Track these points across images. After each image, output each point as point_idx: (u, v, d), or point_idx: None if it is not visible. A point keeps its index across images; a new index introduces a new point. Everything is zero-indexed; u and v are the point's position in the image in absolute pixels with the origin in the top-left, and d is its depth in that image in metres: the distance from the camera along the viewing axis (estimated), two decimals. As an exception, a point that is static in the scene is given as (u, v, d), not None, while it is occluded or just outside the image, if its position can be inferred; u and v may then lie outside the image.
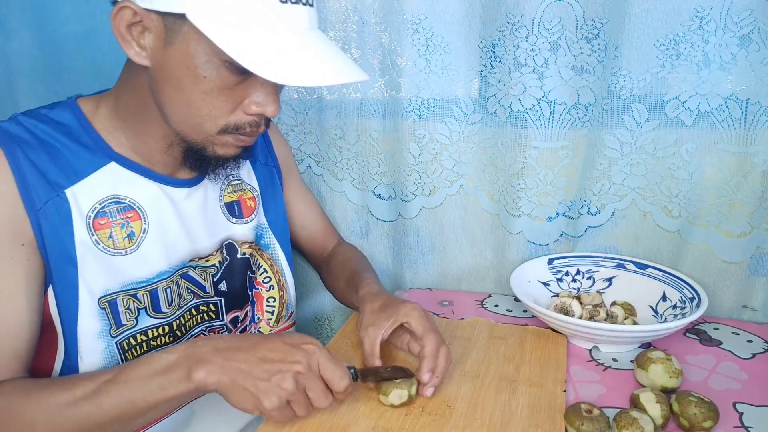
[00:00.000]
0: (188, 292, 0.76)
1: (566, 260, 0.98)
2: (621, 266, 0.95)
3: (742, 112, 0.83)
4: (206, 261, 0.77)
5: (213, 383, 0.58)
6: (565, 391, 0.72)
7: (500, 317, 0.94)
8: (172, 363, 0.59)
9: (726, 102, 0.84)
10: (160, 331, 0.72)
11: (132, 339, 0.70)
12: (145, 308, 0.70)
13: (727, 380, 0.75)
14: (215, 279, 0.78)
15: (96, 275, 0.66)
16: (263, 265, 0.85)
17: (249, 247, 0.83)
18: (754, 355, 0.81)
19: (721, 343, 0.84)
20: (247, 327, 0.84)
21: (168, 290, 0.72)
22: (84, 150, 0.67)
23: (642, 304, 0.89)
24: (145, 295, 0.70)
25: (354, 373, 0.66)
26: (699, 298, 0.82)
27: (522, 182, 0.95)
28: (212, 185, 0.79)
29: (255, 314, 0.85)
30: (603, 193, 0.95)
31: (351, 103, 1.01)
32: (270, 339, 0.62)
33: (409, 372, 0.71)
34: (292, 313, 0.90)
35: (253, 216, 0.83)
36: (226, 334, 0.63)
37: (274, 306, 0.85)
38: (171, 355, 0.60)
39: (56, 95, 0.72)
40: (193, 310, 0.77)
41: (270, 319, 0.86)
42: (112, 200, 0.68)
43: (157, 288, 0.71)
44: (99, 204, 0.67)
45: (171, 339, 0.74)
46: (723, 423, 0.66)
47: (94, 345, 0.67)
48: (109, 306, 0.68)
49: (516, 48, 0.88)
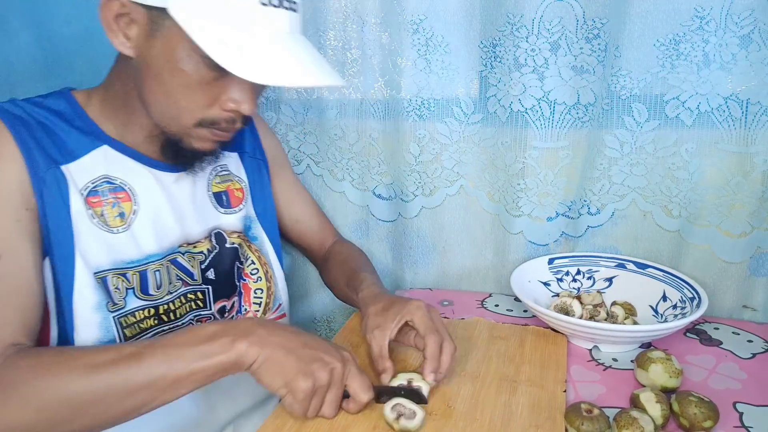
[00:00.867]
0: (177, 279, 0.76)
1: (566, 260, 0.98)
2: (621, 266, 0.95)
3: (743, 112, 0.83)
4: (195, 247, 0.78)
5: (253, 355, 0.60)
6: (566, 391, 0.72)
7: (500, 317, 0.94)
8: (217, 331, 0.61)
9: (726, 102, 0.84)
10: (146, 314, 0.73)
11: (127, 318, 0.71)
12: (133, 289, 0.71)
13: (727, 380, 0.75)
14: (203, 266, 0.79)
15: (91, 248, 0.68)
16: (251, 257, 0.86)
17: (238, 237, 0.84)
18: (754, 355, 0.81)
19: (722, 343, 0.84)
20: (234, 317, 0.85)
21: (157, 273, 0.73)
22: (78, 133, 0.69)
23: (642, 304, 0.89)
24: (135, 276, 0.71)
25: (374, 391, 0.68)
26: (699, 298, 0.82)
27: (522, 182, 0.95)
28: (200, 173, 0.80)
29: (242, 305, 0.85)
30: (603, 193, 0.95)
31: (351, 103, 1.01)
32: (311, 334, 0.66)
33: (423, 398, 0.69)
34: (281, 305, 0.90)
35: (241, 206, 0.85)
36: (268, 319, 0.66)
37: (261, 297, 0.86)
38: (214, 326, 0.62)
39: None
40: (183, 298, 0.77)
41: (257, 311, 0.86)
42: (104, 180, 0.70)
43: (147, 270, 0.72)
44: (92, 183, 0.69)
45: (156, 322, 0.74)
46: (723, 423, 0.66)
47: (90, 317, 0.67)
48: (102, 282, 0.69)
49: (516, 48, 0.88)
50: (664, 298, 0.88)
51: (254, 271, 0.86)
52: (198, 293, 0.79)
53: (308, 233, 1.00)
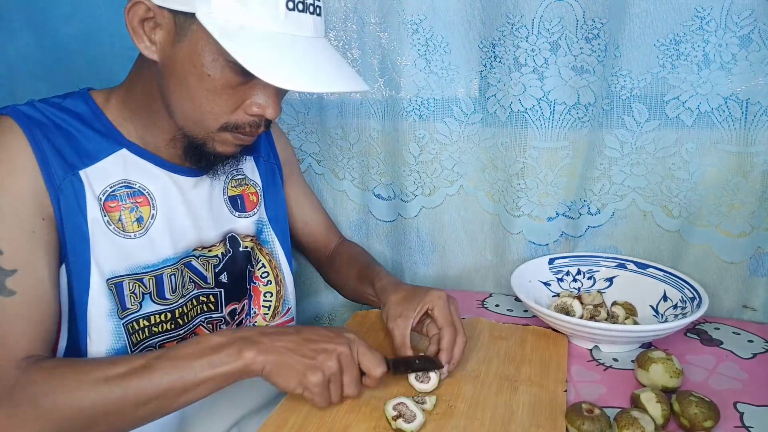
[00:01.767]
0: (190, 282, 0.77)
1: (567, 260, 0.98)
2: (621, 266, 0.95)
3: (743, 112, 0.83)
4: (209, 251, 0.79)
5: (261, 362, 0.61)
6: (566, 391, 0.72)
7: (501, 317, 0.94)
8: (224, 342, 0.62)
9: (726, 102, 0.84)
10: (162, 318, 0.73)
11: (135, 323, 0.71)
12: (150, 293, 0.72)
13: (728, 380, 0.75)
14: (216, 270, 0.80)
15: (106, 255, 0.68)
16: (262, 260, 0.86)
17: (251, 241, 0.84)
18: (755, 355, 0.81)
19: (722, 343, 0.84)
20: (244, 320, 0.85)
21: (173, 277, 0.74)
22: (97, 135, 0.69)
23: (643, 304, 0.89)
24: (151, 281, 0.72)
25: (388, 364, 0.69)
26: (699, 298, 0.82)
27: (522, 182, 0.95)
28: (216, 177, 0.80)
29: (251, 308, 0.86)
30: (603, 193, 0.95)
31: (351, 103, 1.01)
32: (313, 326, 0.68)
33: (438, 362, 0.73)
34: (290, 309, 0.90)
35: (255, 210, 0.85)
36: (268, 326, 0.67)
37: (271, 301, 0.86)
38: (220, 337, 0.63)
39: (56, 95, 0.73)
40: (194, 300, 0.78)
41: (266, 314, 0.87)
42: (123, 184, 0.70)
43: (163, 274, 0.73)
44: (110, 187, 0.69)
45: (172, 326, 0.75)
46: (723, 423, 0.66)
47: (104, 324, 0.68)
48: (116, 288, 0.69)
49: (516, 48, 0.88)
50: (665, 298, 0.88)
51: (265, 275, 0.86)
52: (210, 296, 0.80)
53: (315, 235, 1.00)
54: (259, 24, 0.60)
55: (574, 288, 0.96)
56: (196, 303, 0.78)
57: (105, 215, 0.68)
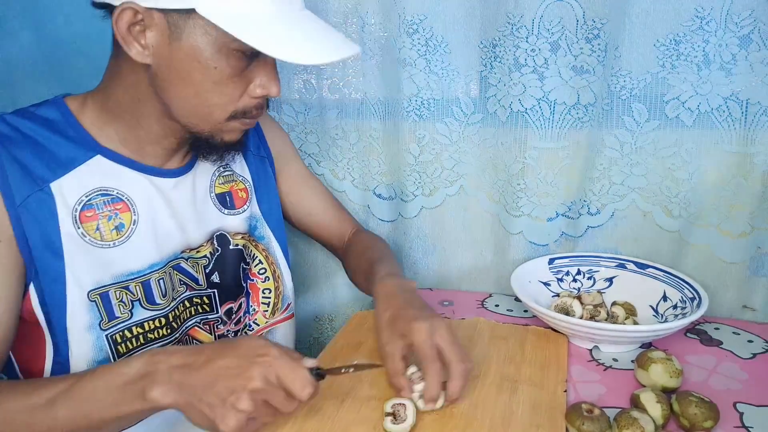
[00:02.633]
0: (181, 284, 0.76)
1: (567, 260, 0.98)
2: (621, 266, 0.95)
3: (743, 113, 0.83)
4: (197, 252, 0.78)
5: (170, 401, 0.56)
6: (566, 391, 0.72)
7: (501, 317, 0.94)
8: (128, 380, 0.58)
9: (726, 102, 0.84)
10: (156, 324, 0.73)
11: (127, 332, 0.70)
12: (139, 300, 0.71)
13: (728, 380, 0.75)
14: (207, 270, 0.79)
15: (85, 268, 0.67)
16: (258, 257, 0.85)
17: (242, 239, 0.83)
18: (755, 355, 0.81)
19: (722, 343, 0.84)
20: (242, 318, 0.85)
21: (161, 282, 0.73)
22: (69, 143, 0.68)
23: (643, 304, 0.89)
24: (138, 287, 0.71)
25: (318, 374, 0.62)
26: (699, 298, 0.82)
27: (522, 182, 0.95)
28: (202, 176, 0.79)
29: (250, 305, 0.85)
30: (603, 194, 0.95)
31: (351, 103, 1.01)
32: (224, 353, 0.59)
33: (375, 364, 0.68)
34: (290, 305, 0.90)
35: (246, 207, 0.84)
36: (186, 347, 0.61)
37: (270, 297, 0.86)
38: (128, 370, 0.58)
39: (56, 95, 0.73)
40: (187, 302, 0.77)
41: (266, 311, 0.86)
42: (99, 192, 0.69)
43: (150, 279, 0.72)
44: (85, 196, 0.68)
45: (168, 331, 0.74)
46: (723, 423, 0.66)
47: (84, 338, 0.67)
48: (101, 299, 0.68)
49: (516, 48, 0.88)
50: (665, 298, 0.88)
51: (262, 271, 0.86)
52: (204, 297, 0.79)
53: (323, 225, 0.98)
54: (257, 6, 0.61)
55: (574, 288, 0.96)
56: (189, 305, 0.77)
57: (79, 227, 0.66)
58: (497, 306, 0.99)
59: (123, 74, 0.67)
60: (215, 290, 0.80)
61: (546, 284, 0.96)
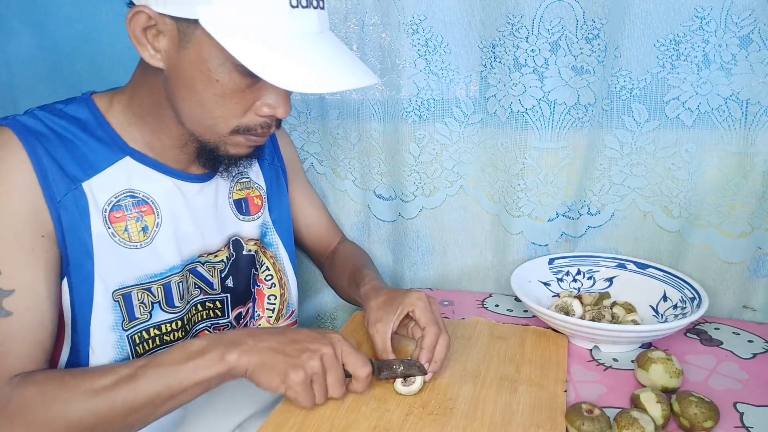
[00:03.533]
0: (195, 288, 0.77)
1: (567, 260, 0.98)
2: (621, 266, 0.95)
3: (743, 113, 0.83)
4: (215, 256, 0.78)
5: (244, 364, 0.62)
6: (566, 391, 0.72)
7: (501, 317, 0.94)
8: (206, 347, 0.62)
9: (726, 102, 0.84)
10: (173, 326, 0.73)
11: (145, 333, 0.71)
12: (159, 302, 0.72)
13: (728, 380, 0.75)
14: (222, 275, 0.79)
15: (111, 268, 0.67)
16: (266, 263, 0.86)
17: (254, 245, 0.84)
18: (755, 355, 0.81)
19: (722, 343, 0.84)
20: (248, 323, 0.85)
21: (180, 284, 0.73)
22: (99, 144, 0.68)
23: (643, 304, 0.89)
24: (159, 289, 0.71)
25: (373, 366, 0.69)
26: (699, 298, 0.82)
27: (522, 182, 0.95)
28: (223, 182, 0.80)
29: (255, 311, 0.86)
30: (603, 194, 0.95)
31: (352, 104, 1.01)
32: (296, 329, 0.67)
33: (423, 368, 0.72)
34: (293, 312, 0.90)
35: (260, 214, 0.85)
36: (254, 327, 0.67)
37: (275, 304, 0.86)
38: (203, 341, 0.63)
39: (57, 95, 0.73)
40: (199, 306, 0.78)
41: (270, 317, 0.87)
42: (127, 194, 0.69)
43: (170, 282, 0.72)
44: (114, 198, 0.68)
45: (182, 334, 0.75)
46: (723, 423, 0.66)
47: (107, 338, 0.68)
48: (123, 299, 0.69)
49: (516, 48, 0.88)
50: (665, 298, 0.88)
51: (269, 278, 0.86)
52: (216, 302, 0.80)
53: (316, 236, 1.01)
54: (264, 25, 0.59)
55: (574, 288, 0.96)
56: (201, 309, 0.78)
57: (110, 227, 0.67)
58: (497, 306, 0.99)
59: (147, 77, 0.67)
60: (228, 295, 0.81)
61: (546, 284, 0.96)
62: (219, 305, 0.80)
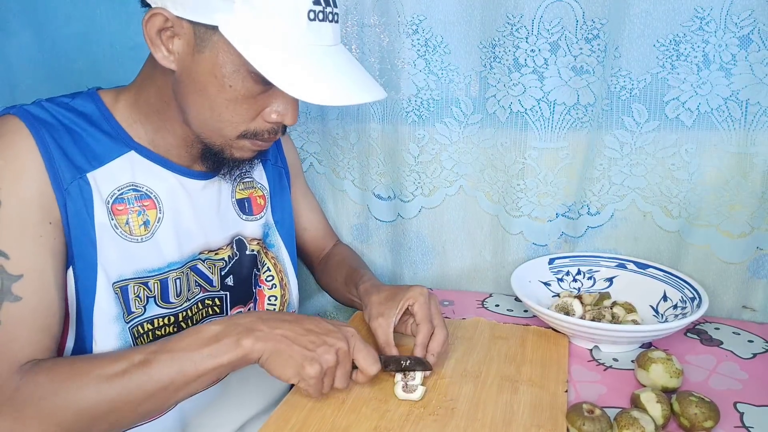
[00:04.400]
0: (196, 285, 0.76)
1: (567, 260, 0.98)
2: (621, 266, 0.95)
3: (742, 113, 0.84)
4: (216, 254, 0.79)
5: (259, 350, 0.62)
6: (567, 391, 0.72)
7: (501, 317, 0.94)
8: (220, 332, 0.62)
9: (726, 102, 0.84)
10: (166, 321, 0.73)
11: (139, 327, 0.71)
12: (155, 297, 0.71)
13: (728, 380, 0.75)
14: (223, 273, 0.79)
15: (112, 259, 0.67)
16: (267, 264, 0.86)
17: (257, 245, 0.84)
18: (755, 355, 0.81)
19: (722, 343, 0.84)
20: None
21: (178, 281, 0.73)
22: (105, 137, 0.69)
23: (643, 304, 0.89)
24: (156, 284, 0.71)
25: (381, 361, 0.70)
26: (699, 298, 0.82)
27: (522, 183, 0.95)
28: (225, 180, 0.80)
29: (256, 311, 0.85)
30: (603, 194, 0.95)
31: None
32: (312, 317, 0.68)
33: (428, 365, 0.73)
34: (294, 313, 0.89)
35: (262, 214, 0.85)
36: (266, 310, 0.67)
37: (275, 305, 0.86)
38: (217, 326, 0.63)
39: (56, 95, 0.72)
40: (200, 304, 0.77)
41: None
42: (130, 187, 0.69)
43: (168, 278, 0.72)
44: (118, 190, 0.68)
45: (175, 329, 0.74)
46: (724, 423, 0.66)
47: (109, 328, 0.67)
48: (121, 292, 0.69)
49: (516, 48, 0.88)
50: (665, 298, 0.88)
51: (270, 278, 0.86)
52: (216, 299, 0.79)
53: (312, 240, 1.01)
54: (281, 35, 0.60)
55: (574, 288, 0.96)
56: (202, 306, 0.78)
57: (113, 218, 0.67)
58: (497, 306, 0.99)
59: (155, 76, 0.68)
60: (228, 293, 0.81)
61: (546, 284, 0.96)
62: (218, 303, 0.80)
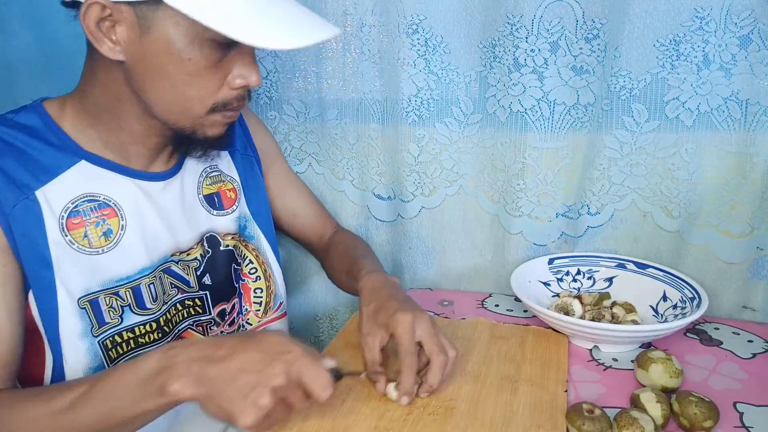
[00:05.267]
0: (172, 287, 0.75)
1: (567, 260, 0.98)
2: (621, 266, 0.95)
3: (742, 113, 0.84)
4: (187, 255, 0.77)
5: (187, 396, 0.56)
6: (567, 391, 0.72)
7: (501, 317, 0.94)
8: (147, 376, 0.57)
9: (726, 102, 0.84)
10: (148, 328, 0.72)
11: (117, 336, 0.70)
12: (129, 305, 0.70)
13: (728, 380, 0.75)
14: (198, 273, 0.78)
15: (73, 275, 0.66)
16: (248, 256, 0.85)
17: (232, 239, 0.83)
18: (755, 355, 0.81)
19: (722, 343, 0.84)
20: (235, 319, 0.84)
21: (151, 286, 0.72)
22: (52, 150, 0.67)
23: (643, 304, 0.89)
24: (128, 293, 0.70)
25: (336, 375, 0.62)
26: (699, 298, 0.82)
27: (522, 183, 0.95)
28: (189, 178, 0.78)
29: (243, 306, 0.85)
30: (603, 194, 0.95)
31: (351, 103, 1.01)
32: (246, 346, 0.58)
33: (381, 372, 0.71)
34: (282, 304, 0.89)
35: (234, 207, 0.83)
36: (202, 339, 0.62)
37: (262, 297, 0.85)
38: (147, 364, 0.57)
39: (56, 94, 0.72)
40: (179, 305, 0.77)
41: (258, 310, 0.86)
42: (85, 198, 0.67)
43: (140, 284, 0.71)
44: (71, 203, 0.67)
45: (159, 335, 0.73)
46: (723, 423, 0.66)
47: (77, 345, 0.67)
48: (90, 305, 0.67)
49: (516, 48, 0.88)
50: (665, 298, 0.88)
51: (253, 271, 0.85)
52: (196, 300, 0.79)
53: (306, 226, 0.99)
54: None
55: (574, 288, 0.96)
56: (181, 307, 0.77)
57: (67, 235, 0.66)
58: (497, 306, 0.99)
59: (99, 74, 0.66)
60: (207, 292, 0.80)
61: (546, 284, 0.96)
62: (199, 302, 0.79)
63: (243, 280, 0.85)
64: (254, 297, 0.85)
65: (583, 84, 0.88)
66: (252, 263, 0.85)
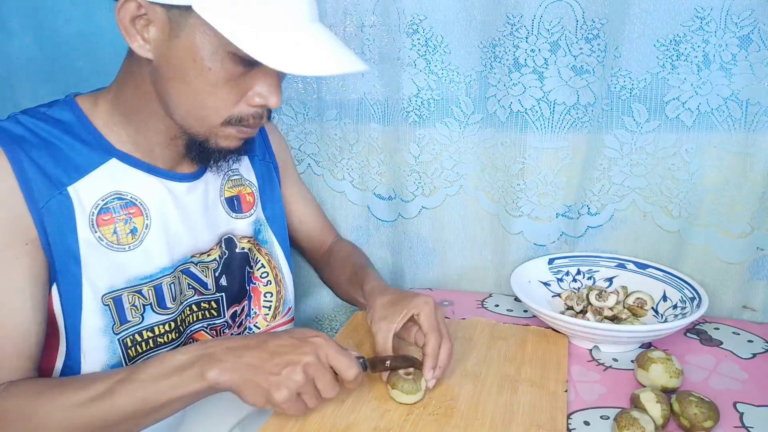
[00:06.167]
0: (189, 288, 0.76)
1: (567, 260, 0.98)
2: (621, 266, 0.95)
3: (742, 113, 0.84)
4: (208, 255, 0.78)
5: (225, 381, 0.59)
6: (567, 391, 0.72)
7: (501, 317, 0.94)
8: (186, 363, 0.60)
9: (726, 102, 0.84)
10: (166, 328, 0.73)
11: (137, 335, 0.70)
12: (151, 304, 0.71)
13: (728, 380, 0.75)
14: (216, 274, 0.79)
15: (100, 272, 0.67)
16: (261, 260, 0.86)
17: (248, 242, 0.83)
18: (755, 355, 0.81)
19: (722, 343, 0.84)
20: (244, 321, 0.85)
21: (172, 286, 0.73)
22: (84, 147, 0.67)
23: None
24: (150, 291, 0.71)
25: (363, 363, 0.67)
26: (699, 298, 0.82)
27: (522, 183, 0.95)
28: (213, 180, 0.79)
29: (252, 309, 0.85)
30: (603, 194, 0.95)
31: (350, 104, 1.01)
32: (278, 335, 0.64)
33: (417, 362, 0.72)
34: (290, 309, 0.90)
35: (252, 211, 0.84)
36: (235, 336, 0.65)
37: (271, 301, 0.86)
38: (183, 356, 0.61)
39: (57, 95, 0.72)
40: (194, 306, 0.77)
41: (267, 314, 0.86)
42: (115, 196, 0.68)
43: (162, 283, 0.72)
44: (102, 200, 0.67)
45: (176, 335, 0.74)
46: (723, 423, 0.66)
47: (98, 342, 0.67)
48: (114, 303, 0.68)
49: (516, 48, 0.88)
50: (665, 298, 0.88)
51: (264, 275, 0.86)
52: (212, 302, 0.79)
53: (311, 234, 1.00)
54: (258, 10, 0.59)
55: (574, 288, 0.96)
56: (196, 309, 0.77)
57: (96, 231, 0.66)
58: (497, 306, 0.99)
59: (133, 72, 0.67)
60: (223, 294, 0.80)
61: (546, 284, 0.96)
62: (215, 305, 0.79)
63: (254, 284, 0.85)
64: (264, 301, 0.86)
65: (583, 84, 0.88)
66: (264, 267, 0.86)
